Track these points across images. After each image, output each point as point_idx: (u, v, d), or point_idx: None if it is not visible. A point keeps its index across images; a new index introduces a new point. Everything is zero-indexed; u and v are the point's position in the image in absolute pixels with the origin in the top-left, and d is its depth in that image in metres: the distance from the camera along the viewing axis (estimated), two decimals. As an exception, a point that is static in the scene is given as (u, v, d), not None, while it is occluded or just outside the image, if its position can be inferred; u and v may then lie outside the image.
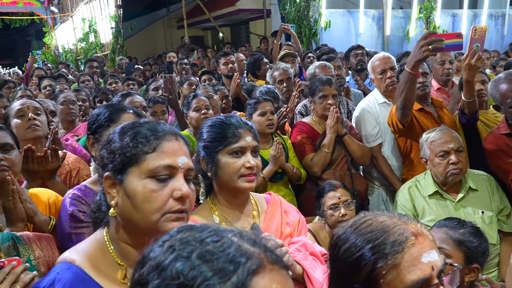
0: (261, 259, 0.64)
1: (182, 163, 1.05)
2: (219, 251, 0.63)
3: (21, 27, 18.68)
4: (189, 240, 0.65)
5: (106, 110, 1.71)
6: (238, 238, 0.66)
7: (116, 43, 10.18)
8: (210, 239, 0.65)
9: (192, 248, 0.64)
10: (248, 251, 0.64)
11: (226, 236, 0.66)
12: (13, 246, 1.34)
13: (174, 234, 0.68)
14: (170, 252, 0.64)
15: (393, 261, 0.90)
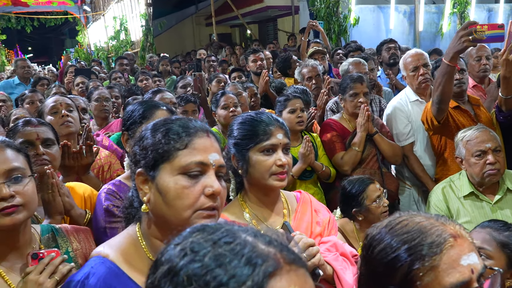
0: (277, 260, 0.61)
1: (213, 160, 1.05)
2: (233, 254, 0.60)
3: (56, 26, 19.28)
4: (201, 243, 0.63)
5: (140, 106, 1.73)
6: (253, 237, 0.64)
7: (146, 41, 10.34)
8: (223, 240, 0.62)
9: (204, 251, 0.61)
10: (263, 251, 0.61)
11: (240, 237, 0.63)
12: (52, 238, 1.37)
13: (187, 236, 0.66)
14: (182, 256, 0.62)
15: (431, 263, 0.87)
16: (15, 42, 20.15)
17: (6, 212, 1.17)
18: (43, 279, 1.16)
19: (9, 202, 1.17)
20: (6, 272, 1.22)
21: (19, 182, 1.22)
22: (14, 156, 1.25)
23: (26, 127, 1.76)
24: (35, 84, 5.38)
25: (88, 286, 0.99)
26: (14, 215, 1.18)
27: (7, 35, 17.09)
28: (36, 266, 1.18)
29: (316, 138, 2.91)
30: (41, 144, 1.74)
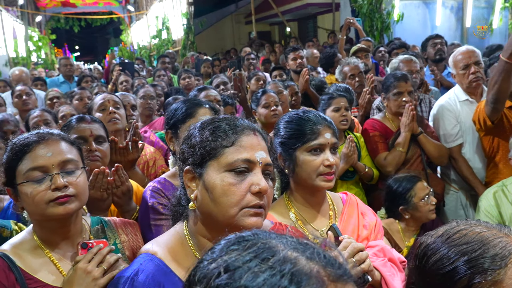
0: (321, 278, 0.56)
1: (260, 158, 1.05)
2: (271, 274, 0.54)
3: (101, 26, 20.01)
4: (236, 260, 0.57)
5: (183, 105, 1.76)
6: (292, 251, 0.58)
7: (187, 39, 10.52)
8: (260, 257, 0.57)
9: (240, 271, 0.55)
10: (305, 269, 0.55)
11: (278, 251, 0.58)
12: (101, 229, 1.41)
13: (222, 250, 0.61)
14: (216, 276, 0.57)
15: (494, 277, 0.82)
16: (64, 41, 21.07)
17: (59, 202, 1.21)
18: (91, 268, 1.20)
19: (62, 192, 1.21)
20: (59, 260, 1.27)
21: (72, 173, 1.26)
22: (69, 148, 1.30)
23: (81, 124, 1.83)
24: (79, 81, 5.58)
25: (137, 282, 1.01)
26: (67, 204, 1.22)
27: (57, 35, 17.93)
28: (85, 255, 1.23)
29: (359, 138, 2.84)
30: (94, 140, 1.80)
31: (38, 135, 1.27)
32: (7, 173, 1.26)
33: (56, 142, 1.27)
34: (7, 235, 1.56)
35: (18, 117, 3.96)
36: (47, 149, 1.24)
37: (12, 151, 1.25)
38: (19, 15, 14.25)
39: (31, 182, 1.22)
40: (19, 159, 1.24)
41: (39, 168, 1.22)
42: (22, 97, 3.97)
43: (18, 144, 1.26)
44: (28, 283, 1.20)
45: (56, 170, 1.23)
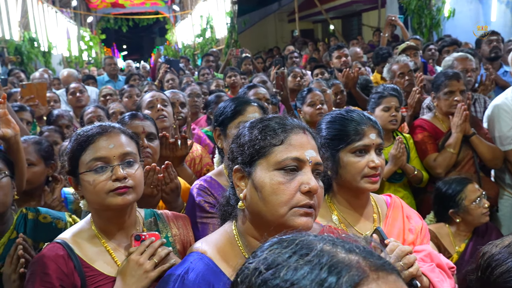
0: (362, 268, 0.56)
1: (310, 157, 1.03)
2: (311, 267, 0.55)
3: (147, 26, 20.63)
4: (275, 258, 0.59)
5: (232, 103, 1.77)
6: (331, 246, 0.59)
7: (230, 38, 10.62)
8: (298, 253, 0.58)
9: (279, 267, 0.57)
10: (345, 260, 0.56)
11: (316, 247, 0.59)
12: (154, 222, 1.44)
13: (263, 250, 0.62)
14: (257, 275, 0.58)
15: None
16: (112, 41, 21.93)
17: (119, 192, 1.25)
18: (143, 260, 1.23)
19: (122, 183, 1.25)
20: (114, 250, 1.31)
21: (131, 166, 1.30)
22: (128, 141, 1.34)
23: (134, 121, 1.89)
24: (127, 80, 5.77)
25: (187, 281, 1.02)
26: (125, 195, 1.26)
27: (106, 35, 18.67)
28: (138, 247, 1.26)
29: (408, 140, 2.75)
30: (145, 137, 1.85)
31: (101, 128, 1.32)
32: (70, 162, 1.31)
33: (117, 135, 1.32)
34: (62, 227, 1.65)
35: (72, 113, 4.17)
36: (109, 141, 1.28)
37: (76, 142, 1.30)
38: (72, 16, 14.96)
39: (93, 172, 1.26)
40: (83, 149, 1.28)
41: (101, 158, 1.26)
42: (76, 94, 4.16)
43: (82, 135, 1.30)
44: (85, 271, 1.25)
45: (116, 161, 1.27)
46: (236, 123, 1.67)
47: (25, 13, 9.74)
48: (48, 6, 11.86)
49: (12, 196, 1.59)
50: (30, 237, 1.60)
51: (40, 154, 2.06)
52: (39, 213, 1.67)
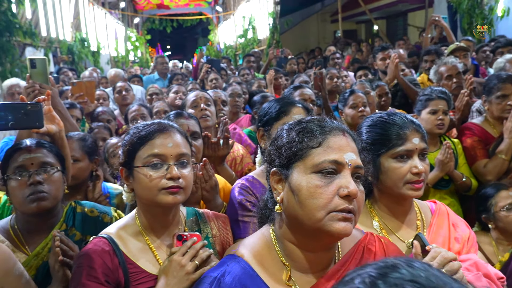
0: None
1: (349, 160, 1.00)
2: None
3: (191, 26, 21.05)
4: None
5: (277, 103, 1.77)
6: None
7: (272, 39, 10.63)
8: None
9: None
10: None
11: None
12: (195, 221, 1.44)
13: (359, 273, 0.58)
14: None
15: None
16: (157, 41, 22.54)
17: (171, 191, 1.27)
18: (185, 261, 1.23)
19: (175, 183, 1.27)
20: (156, 248, 1.33)
21: (184, 166, 1.32)
22: (184, 143, 1.36)
23: (179, 119, 1.92)
24: (171, 79, 5.91)
25: (224, 284, 1.02)
26: (177, 195, 1.27)
27: (151, 35, 19.21)
28: (180, 248, 1.27)
29: (457, 145, 2.63)
30: (190, 136, 1.88)
31: (161, 125, 1.34)
32: (127, 154, 1.34)
33: (176, 135, 1.34)
34: (108, 221, 1.69)
35: (118, 110, 4.32)
36: (169, 140, 1.30)
37: (136, 136, 1.33)
38: (120, 17, 15.52)
39: (149, 167, 1.28)
40: (142, 144, 1.30)
41: (158, 155, 1.28)
42: (122, 92, 4.31)
43: (142, 130, 1.33)
44: (128, 268, 1.27)
45: (172, 160, 1.29)
46: (280, 124, 1.66)
47: (77, 15, 10.22)
48: (98, 8, 12.38)
49: (63, 190, 1.66)
50: (78, 230, 1.65)
51: (84, 150, 2.13)
52: (87, 207, 1.72)
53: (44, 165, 1.58)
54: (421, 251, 1.28)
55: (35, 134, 1.77)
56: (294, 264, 1.06)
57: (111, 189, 2.26)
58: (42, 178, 1.55)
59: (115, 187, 2.27)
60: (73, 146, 2.09)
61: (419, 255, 1.30)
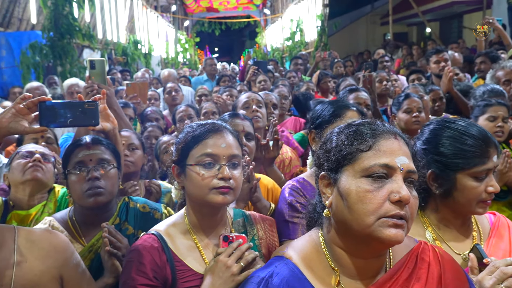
0: None
1: (401, 164, 0.96)
2: None
3: (239, 29, 21.35)
4: None
5: (330, 106, 1.74)
6: None
7: (320, 41, 10.53)
8: None
9: None
10: None
11: None
12: (242, 223, 1.44)
13: None
14: None
15: None
16: (206, 43, 23.01)
17: (221, 191, 1.28)
18: (231, 263, 1.24)
19: (226, 183, 1.29)
20: (203, 247, 1.34)
21: (235, 168, 1.33)
22: (237, 144, 1.38)
23: (235, 119, 1.95)
24: (219, 80, 6.00)
25: (271, 285, 1.01)
26: (226, 195, 1.29)
27: (200, 38, 19.65)
28: (226, 249, 1.28)
29: (517, 154, 2.48)
30: (244, 136, 1.91)
31: (215, 126, 1.36)
32: (181, 152, 1.36)
33: (229, 136, 1.36)
34: (158, 217, 1.73)
35: (167, 111, 4.45)
36: (222, 140, 1.32)
37: (190, 135, 1.35)
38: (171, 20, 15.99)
39: (201, 166, 1.30)
40: (196, 143, 1.32)
41: (211, 155, 1.30)
42: (172, 93, 4.43)
43: (197, 129, 1.36)
44: (176, 265, 1.28)
45: (224, 161, 1.30)
46: (334, 127, 1.64)
47: (131, 18, 10.65)
48: (151, 11, 12.82)
49: (118, 186, 1.72)
50: (131, 224, 1.70)
51: (140, 141, 2.27)
52: (139, 202, 1.78)
53: (102, 162, 1.65)
54: (477, 264, 1.21)
55: (92, 131, 1.86)
56: (343, 269, 1.03)
57: (161, 187, 2.33)
58: (99, 174, 1.61)
59: (165, 185, 2.33)
60: (132, 136, 2.24)
61: (475, 269, 1.23)
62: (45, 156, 2.05)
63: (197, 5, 17.99)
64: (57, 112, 1.53)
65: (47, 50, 5.68)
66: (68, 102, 1.64)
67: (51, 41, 5.69)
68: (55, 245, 1.26)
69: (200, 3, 17.91)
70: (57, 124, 1.56)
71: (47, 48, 5.68)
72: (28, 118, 1.50)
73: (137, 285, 1.24)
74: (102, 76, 2.04)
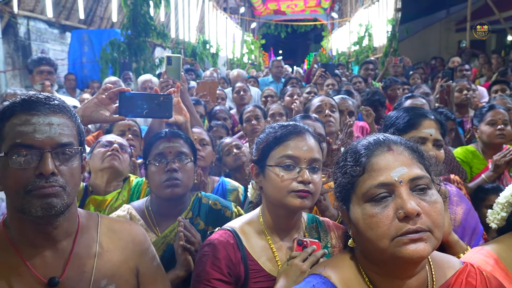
0: None
1: (398, 176, 0.91)
2: None
3: (304, 32, 21.21)
4: None
5: (406, 114, 1.64)
6: None
7: (389, 46, 10.17)
8: None
9: None
10: None
11: None
12: (315, 229, 1.41)
13: None
14: None
15: None
16: (270, 45, 23.16)
17: (300, 195, 1.25)
18: (306, 267, 1.21)
19: (305, 187, 1.26)
20: (277, 249, 1.33)
21: (315, 172, 1.30)
22: (318, 148, 1.35)
23: (306, 121, 1.91)
24: (285, 83, 5.98)
25: None
26: (305, 199, 1.26)
27: (266, 40, 19.81)
28: (301, 253, 1.25)
29: None
30: None
31: (297, 128, 1.35)
32: (261, 152, 1.34)
33: (311, 139, 1.33)
34: (228, 215, 1.74)
35: (234, 110, 4.51)
36: (304, 143, 1.30)
37: (272, 135, 1.34)
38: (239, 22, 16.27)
39: (281, 167, 1.28)
40: (277, 144, 1.31)
41: (292, 157, 1.28)
42: (240, 93, 4.48)
43: (278, 130, 1.35)
44: (249, 264, 1.27)
45: (305, 164, 1.28)
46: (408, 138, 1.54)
47: (201, 19, 10.97)
48: (221, 13, 13.13)
49: (193, 180, 1.75)
50: (202, 220, 1.73)
51: (210, 138, 2.32)
52: (211, 199, 1.80)
53: (180, 155, 1.68)
54: None
55: (166, 124, 1.91)
56: None
57: (228, 185, 2.33)
58: (177, 166, 1.65)
59: (232, 183, 2.34)
60: (203, 132, 2.28)
61: None
62: (123, 147, 2.15)
63: (265, 7, 18.16)
64: (135, 103, 1.59)
65: (124, 47, 5.98)
66: (146, 94, 1.70)
67: (128, 38, 5.99)
68: (134, 236, 1.28)
69: (268, 6, 18.06)
70: (134, 114, 1.62)
71: (124, 45, 5.99)
72: (109, 108, 1.58)
73: (211, 279, 1.24)
74: (178, 72, 2.10)
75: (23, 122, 1.03)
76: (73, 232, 1.15)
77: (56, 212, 1.03)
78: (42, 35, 7.53)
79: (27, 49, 7.18)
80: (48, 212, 1.02)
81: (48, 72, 3.48)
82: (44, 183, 1.01)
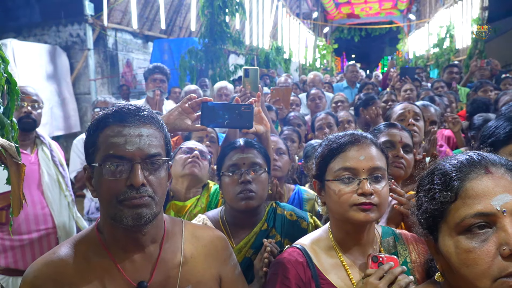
0: None
1: (501, 205, 0.78)
2: None
3: (379, 35, 20.57)
4: None
5: (507, 122, 1.50)
6: None
7: (474, 48, 9.46)
8: None
9: None
10: None
11: None
12: (392, 243, 1.33)
13: None
14: None
15: None
16: (343, 50, 22.74)
17: (362, 208, 1.19)
18: (382, 286, 1.13)
19: (367, 199, 1.19)
20: (349, 266, 1.26)
21: (378, 181, 1.23)
22: (379, 155, 1.27)
23: (392, 129, 1.83)
24: (361, 88, 5.80)
25: None
26: (369, 212, 1.19)
27: (338, 44, 19.48)
28: (377, 271, 1.17)
29: None
30: (401, 147, 1.77)
31: (353, 137, 1.28)
32: (319, 167, 1.31)
33: (369, 147, 1.26)
34: (305, 227, 1.69)
35: (309, 116, 4.46)
36: (361, 152, 1.24)
37: (328, 148, 1.29)
38: (311, 27, 16.17)
39: (339, 181, 1.23)
40: (333, 156, 1.26)
41: (349, 169, 1.22)
42: (315, 100, 4.42)
43: (334, 142, 1.30)
44: (321, 283, 1.23)
45: (364, 175, 1.21)
46: (510, 150, 1.40)
47: (274, 25, 11.06)
48: (293, 18, 13.14)
49: (267, 191, 1.72)
50: (278, 231, 1.69)
51: (286, 146, 2.30)
52: (286, 209, 1.76)
53: (254, 165, 1.66)
54: None
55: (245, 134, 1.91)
56: None
57: (304, 194, 2.28)
58: (251, 177, 1.63)
59: (308, 192, 2.29)
60: (279, 140, 2.27)
61: None
62: (203, 154, 2.19)
63: (338, 11, 17.88)
64: (217, 113, 1.61)
65: (201, 55, 6.22)
66: (227, 104, 1.70)
67: (205, 46, 6.22)
68: (217, 244, 1.28)
69: (341, 10, 17.76)
70: (215, 124, 1.63)
71: (201, 53, 6.22)
72: (191, 117, 1.61)
73: None
74: (255, 83, 2.10)
75: (116, 133, 1.07)
76: (159, 238, 1.18)
77: (145, 221, 1.07)
78: (128, 45, 8.08)
79: (114, 59, 7.75)
80: (138, 222, 1.06)
81: (160, 80, 3.71)
82: (135, 194, 1.05)
